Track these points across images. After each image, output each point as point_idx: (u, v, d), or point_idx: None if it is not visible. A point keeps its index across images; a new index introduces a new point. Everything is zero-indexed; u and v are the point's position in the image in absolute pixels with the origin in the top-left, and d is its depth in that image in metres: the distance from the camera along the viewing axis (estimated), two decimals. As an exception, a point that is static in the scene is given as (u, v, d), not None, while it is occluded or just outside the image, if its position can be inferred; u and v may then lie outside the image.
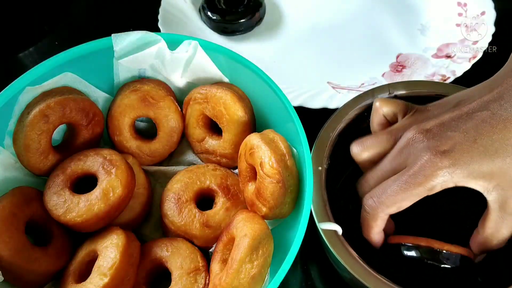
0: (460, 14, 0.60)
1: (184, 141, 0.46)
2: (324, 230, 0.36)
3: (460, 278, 0.37)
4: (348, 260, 0.35)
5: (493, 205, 0.33)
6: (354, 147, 0.39)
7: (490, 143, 0.31)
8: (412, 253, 0.36)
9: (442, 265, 0.35)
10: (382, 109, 0.39)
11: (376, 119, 0.40)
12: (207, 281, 0.36)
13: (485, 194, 0.33)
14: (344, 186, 0.44)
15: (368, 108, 0.42)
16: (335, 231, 0.36)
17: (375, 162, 0.37)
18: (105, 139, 0.45)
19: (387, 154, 0.36)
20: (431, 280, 0.36)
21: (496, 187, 0.32)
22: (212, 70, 0.42)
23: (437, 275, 0.36)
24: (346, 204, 0.43)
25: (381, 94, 0.43)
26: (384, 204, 0.34)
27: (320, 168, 0.40)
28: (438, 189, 0.32)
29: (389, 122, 0.40)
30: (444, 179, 0.31)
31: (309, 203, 0.34)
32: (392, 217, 0.36)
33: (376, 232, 0.36)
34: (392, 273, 0.35)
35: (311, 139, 0.39)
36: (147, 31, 0.41)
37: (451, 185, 0.32)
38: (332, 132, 0.41)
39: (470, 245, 0.37)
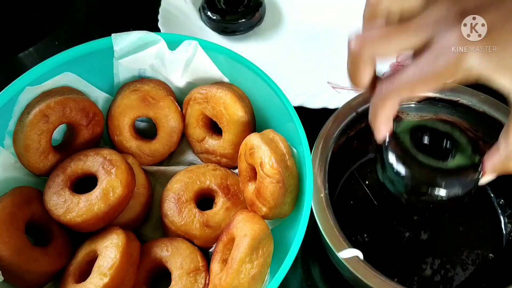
0: (460, 14, 0.60)
1: (184, 141, 0.46)
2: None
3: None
4: (350, 260, 0.35)
5: None
6: None
7: None
8: None
9: None
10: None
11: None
12: (207, 281, 0.36)
13: (510, 95, 0.26)
14: (345, 185, 0.44)
15: (368, 108, 0.42)
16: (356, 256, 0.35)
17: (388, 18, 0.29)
18: (105, 139, 0.45)
19: (406, 22, 0.28)
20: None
21: None
22: (212, 70, 0.42)
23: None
24: (347, 202, 0.43)
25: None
26: (398, 89, 0.28)
27: (322, 194, 0.38)
28: (459, 77, 0.26)
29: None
30: (471, 65, 0.25)
31: (309, 203, 0.34)
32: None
33: (382, 121, 0.31)
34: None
35: (311, 139, 0.39)
36: (147, 31, 0.41)
37: (473, 75, 0.26)
38: (332, 132, 0.41)
39: (484, 165, 0.31)
